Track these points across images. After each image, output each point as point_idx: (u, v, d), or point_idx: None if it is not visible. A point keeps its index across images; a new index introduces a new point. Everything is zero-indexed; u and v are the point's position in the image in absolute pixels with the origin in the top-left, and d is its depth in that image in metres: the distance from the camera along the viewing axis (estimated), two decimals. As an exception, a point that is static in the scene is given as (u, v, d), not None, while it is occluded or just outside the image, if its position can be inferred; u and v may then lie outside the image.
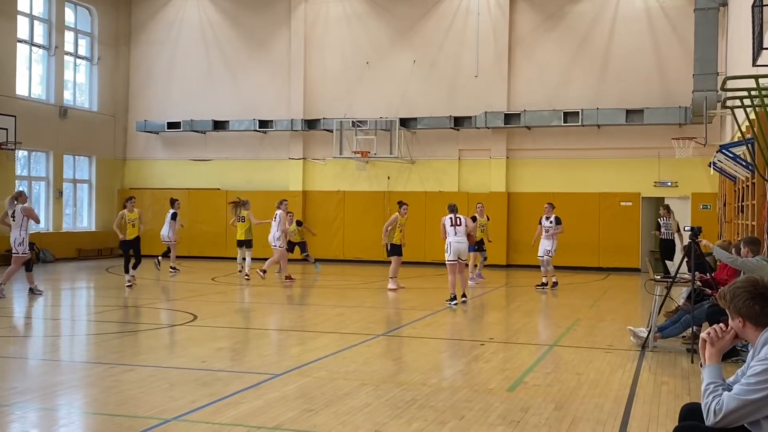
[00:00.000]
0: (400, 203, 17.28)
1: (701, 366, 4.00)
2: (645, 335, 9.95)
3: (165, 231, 19.95)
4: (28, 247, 14.69)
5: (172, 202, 20.25)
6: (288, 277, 18.23)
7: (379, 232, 20.96)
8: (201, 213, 25.86)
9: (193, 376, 8.12)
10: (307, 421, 6.43)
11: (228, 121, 25.65)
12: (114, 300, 15.37)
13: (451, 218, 14.42)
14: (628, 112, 22.30)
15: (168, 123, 26.18)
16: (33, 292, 15.03)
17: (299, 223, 20.86)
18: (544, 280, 17.44)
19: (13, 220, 14.60)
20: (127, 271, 16.93)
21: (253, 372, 8.30)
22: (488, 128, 23.65)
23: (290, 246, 20.04)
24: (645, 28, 22.89)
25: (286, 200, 18.54)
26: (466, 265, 15.71)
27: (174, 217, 19.93)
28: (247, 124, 25.47)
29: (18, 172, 23.69)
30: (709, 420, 3.78)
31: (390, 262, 17.09)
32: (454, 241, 14.32)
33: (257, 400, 7.09)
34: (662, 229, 18.69)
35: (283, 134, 25.60)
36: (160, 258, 20.07)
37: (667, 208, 19.05)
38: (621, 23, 23.11)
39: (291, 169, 25.56)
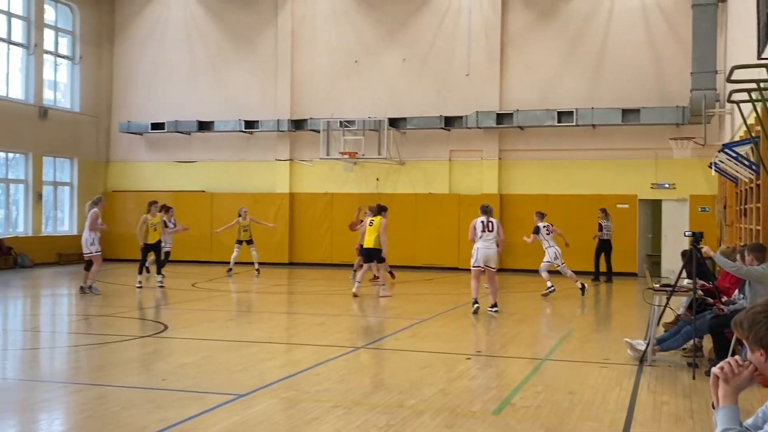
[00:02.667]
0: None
1: (713, 407, 3.29)
2: (643, 348, 9.27)
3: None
4: (98, 247, 16.00)
5: (166, 209, 19.35)
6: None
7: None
8: (186, 216, 24.99)
9: (149, 396, 7.40)
10: (263, 453, 5.71)
11: (213, 122, 24.94)
12: (85, 308, 14.63)
13: (482, 221, 13.42)
14: (624, 111, 21.62)
15: (152, 124, 25.45)
16: (84, 291, 15.84)
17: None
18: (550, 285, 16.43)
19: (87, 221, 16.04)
20: (140, 273, 17.26)
21: (216, 392, 7.57)
22: (480, 128, 22.97)
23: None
24: (641, 25, 22.22)
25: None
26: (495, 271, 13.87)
27: (164, 224, 19.10)
28: (232, 125, 24.75)
29: (-5, 174, 22.96)
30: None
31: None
32: (482, 247, 13.32)
33: (213, 426, 6.38)
34: (604, 231, 19.82)
35: (270, 135, 24.88)
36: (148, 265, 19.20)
37: (605, 211, 20.05)
38: (616, 20, 22.44)
39: (278, 171, 24.84)
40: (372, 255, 16.03)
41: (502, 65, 23.10)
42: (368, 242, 15.98)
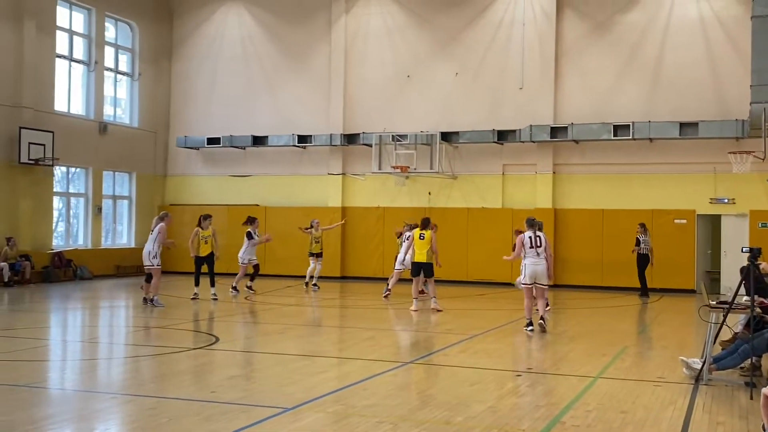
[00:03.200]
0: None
1: (763, 429, 3.17)
2: (699, 367, 9.03)
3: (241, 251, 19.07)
4: (159, 260, 16.27)
5: (252, 220, 19.37)
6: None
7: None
8: (240, 229, 25.33)
9: (198, 408, 7.47)
10: (308, 467, 5.71)
11: (267, 137, 25.21)
12: (142, 320, 14.90)
13: (530, 237, 13.01)
14: (682, 125, 21.19)
15: (208, 139, 25.85)
16: (147, 302, 16.18)
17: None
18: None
19: (151, 234, 16.32)
20: (196, 284, 17.50)
21: (263, 405, 7.62)
22: (533, 142, 22.76)
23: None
24: (699, 38, 21.80)
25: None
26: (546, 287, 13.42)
27: (249, 236, 19.08)
28: (286, 139, 25.00)
29: (56, 188, 23.53)
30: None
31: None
32: (530, 263, 12.91)
33: (259, 439, 6.40)
34: (642, 245, 19.77)
35: (323, 149, 25.06)
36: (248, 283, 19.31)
37: (643, 225, 19.96)
38: (674, 32, 22.06)
39: (330, 185, 24.99)
40: (423, 269, 15.96)
41: (556, 78, 22.89)
42: (419, 256, 15.89)
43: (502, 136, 22.95)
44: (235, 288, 18.67)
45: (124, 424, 6.90)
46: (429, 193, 23.87)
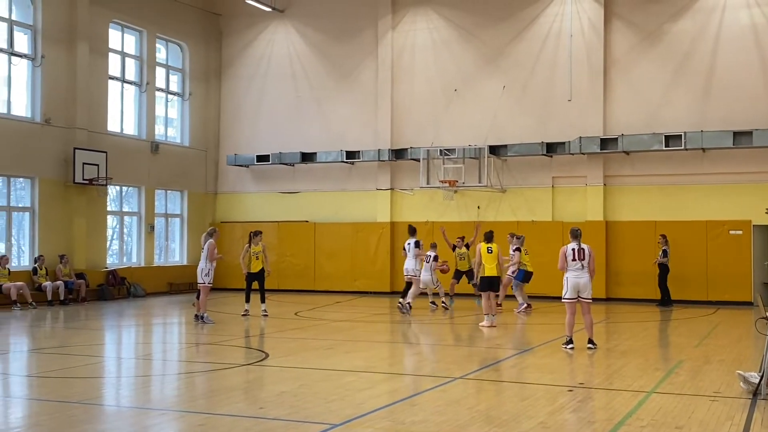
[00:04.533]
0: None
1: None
2: (757, 381, 8.77)
3: (410, 264, 18.56)
4: (212, 278, 16.47)
5: (413, 231, 18.64)
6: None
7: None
8: (290, 246, 25.62)
9: (246, 425, 7.50)
10: (355, 484, 5.67)
11: (316, 153, 25.39)
12: (193, 336, 15.06)
13: (573, 249, 12.57)
14: (735, 134, 20.75)
15: (257, 156, 26.14)
16: (198, 319, 16.34)
17: (468, 246, 19.54)
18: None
19: (203, 251, 16.55)
20: (247, 301, 17.59)
21: (311, 421, 7.61)
22: (583, 154, 22.51)
23: (457, 275, 19.60)
24: (751, 44, 21.36)
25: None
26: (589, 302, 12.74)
27: (417, 245, 18.59)
28: (334, 156, 25.14)
29: (110, 207, 24.00)
30: None
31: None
32: (573, 276, 12.45)
33: (307, 456, 6.39)
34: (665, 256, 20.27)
35: (371, 165, 25.14)
36: (409, 302, 18.50)
37: (665, 237, 20.38)
38: (725, 40, 21.65)
39: (378, 200, 25.03)
40: (492, 283, 15.82)
41: (605, 89, 22.64)
42: (489, 270, 15.67)
43: (551, 148, 22.74)
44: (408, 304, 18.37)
45: (174, 440, 6.97)
46: (478, 207, 23.75)
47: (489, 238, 15.85)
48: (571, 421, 7.81)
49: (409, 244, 18.70)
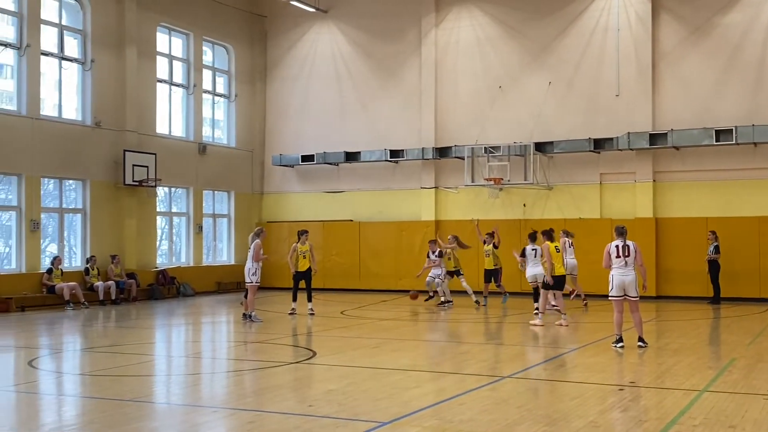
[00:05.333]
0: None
1: None
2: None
3: (536, 270, 17.50)
4: (259, 277, 16.53)
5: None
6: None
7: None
8: (335, 245, 25.73)
9: (295, 422, 7.55)
10: (404, 482, 5.68)
11: (360, 152, 25.45)
12: (241, 335, 15.22)
13: (617, 246, 12.43)
14: (789, 127, 20.31)
15: (302, 156, 26.30)
16: (246, 318, 16.43)
17: (496, 246, 19.51)
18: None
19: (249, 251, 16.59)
20: (294, 300, 17.83)
21: (359, 419, 7.64)
22: (632, 150, 22.20)
23: (487, 275, 19.61)
24: (806, 35, 20.86)
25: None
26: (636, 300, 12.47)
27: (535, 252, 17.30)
28: (378, 155, 25.17)
29: (159, 208, 24.36)
30: None
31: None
32: (617, 274, 12.28)
33: (356, 453, 6.41)
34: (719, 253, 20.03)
35: (415, 163, 25.12)
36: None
37: (714, 233, 20.12)
38: (777, 32, 21.17)
39: (423, 199, 25.00)
40: (562, 282, 15.74)
41: (654, 84, 22.29)
42: (560, 269, 15.63)
43: (599, 144, 22.48)
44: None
45: (224, 438, 7.05)
46: (524, 205, 23.58)
47: (551, 236, 15.74)
48: (622, 420, 7.71)
49: (534, 249, 17.07)
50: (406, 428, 7.27)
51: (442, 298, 19.59)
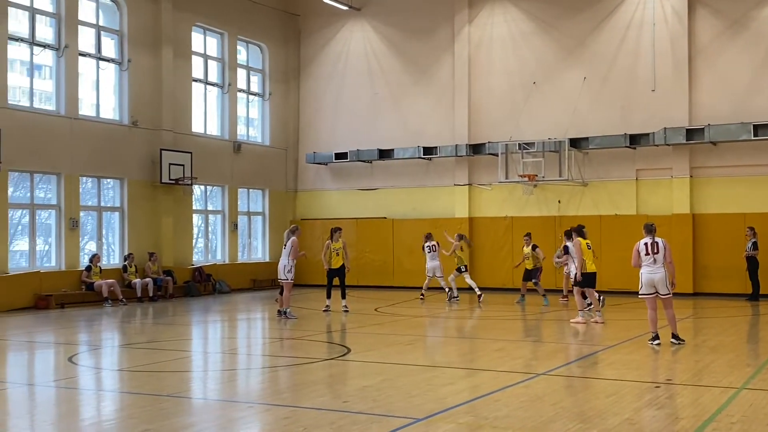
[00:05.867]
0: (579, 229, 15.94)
1: None
2: None
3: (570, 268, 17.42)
4: (294, 274, 16.60)
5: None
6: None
7: (550, 259, 19.97)
8: (368, 242, 25.79)
9: (331, 418, 7.60)
10: (439, 478, 5.70)
11: (393, 150, 25.48)
12: (276, 331, 15.34)
13: (646, 243, 12.27)
14: (829, 121, 19.95)
15: (335, 154, 26.40)
16: (281, 315, 16.50)
17: (534, 247, 19.54)
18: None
19: (284, 248, 16.62)
20: (328, 297, 17.89)
21: (394, 416, 7.67)
22: (668, 145, 21.96)
23: (526, 275, 19.58)
24: None
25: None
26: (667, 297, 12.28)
27: (566, 250, 16.98)
28: (411, 152, 25.18)
29: (195, 206, 24.61)
30: None
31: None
32: (646, 272, 12.15)
33: (391, 449, 6.44)
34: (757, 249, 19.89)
35: (448, 160, 25.09)
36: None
37: (753, 229, 20.00)
38: (818, 24, 20.80)
39: (456, 196, 24.96)
40: (593, 279, 15.65)
41: (690, 78, 22.03)
42: (591, 266, 15.54)
43: (635, 140, 22.27)
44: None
45: (261, 433, 7.13)
46: (558, 201, 23.44)
47: (583, 233, 15.65)
48: (658, 418, 7.65)
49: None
50: (440, 425, 7.29)
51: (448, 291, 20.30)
